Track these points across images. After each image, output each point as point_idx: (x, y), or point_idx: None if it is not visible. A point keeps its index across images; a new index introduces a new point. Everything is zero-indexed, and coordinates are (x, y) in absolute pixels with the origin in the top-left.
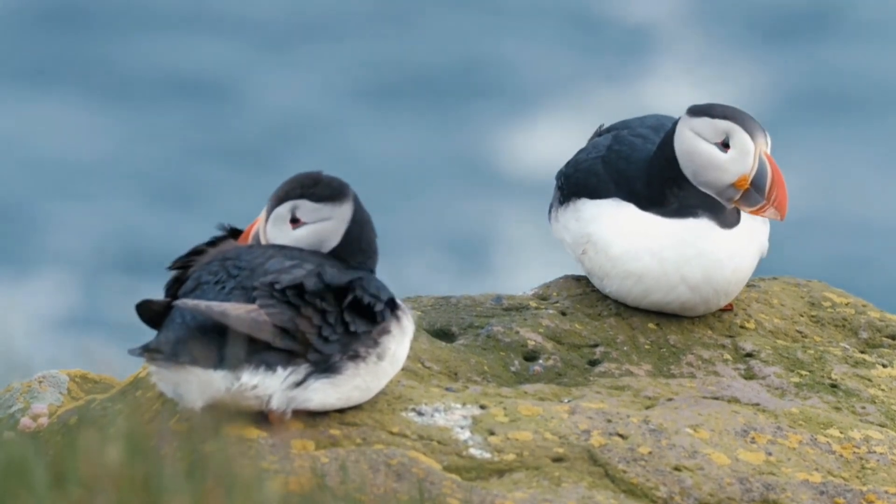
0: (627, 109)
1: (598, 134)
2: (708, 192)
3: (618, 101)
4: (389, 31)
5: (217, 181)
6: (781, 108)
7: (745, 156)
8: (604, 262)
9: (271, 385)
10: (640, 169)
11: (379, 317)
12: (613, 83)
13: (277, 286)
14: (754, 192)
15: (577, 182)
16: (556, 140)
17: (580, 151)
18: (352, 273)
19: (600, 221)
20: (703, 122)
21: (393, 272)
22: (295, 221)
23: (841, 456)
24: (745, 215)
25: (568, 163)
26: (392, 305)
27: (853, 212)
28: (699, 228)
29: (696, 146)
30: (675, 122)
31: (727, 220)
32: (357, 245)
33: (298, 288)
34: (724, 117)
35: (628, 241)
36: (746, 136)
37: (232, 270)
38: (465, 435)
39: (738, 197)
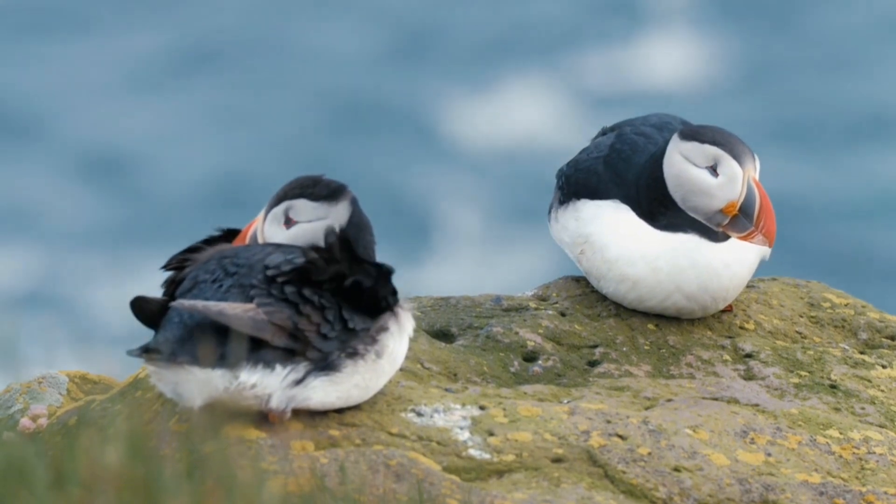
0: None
1: (603, 133)
2: (696, 216)
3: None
4: None
5: None
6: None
7: (733, 182)
8: (600, 264)
9: (271, 384)
10: (637, 173)
11: (383, 301)
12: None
13: (280, 279)
14: (743, 218)
15: (578, 182)
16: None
17: (582, 151)
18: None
19: (599, 223)
20: (693, 147)
21: None
22: (288, 221)
23: (840, 457)
24: None
25: (569, 162)
26: (391, 301)
27: None
28: (692, 240)
29: (684, 171)
30: (666, 143)
31: (719, 235)
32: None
33: (303, 287)
34: (714, 143)
35: (624, 245)
36: (734, 163)
37: (229, 268)
38: (464, 436)
39: (726, 222)
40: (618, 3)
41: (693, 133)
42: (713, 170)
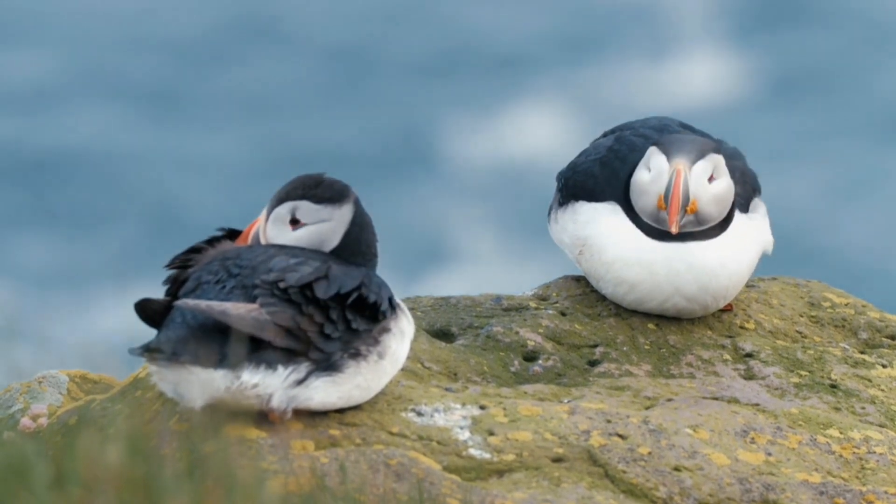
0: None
1: (604, 136)
2: (647, 219)
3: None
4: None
5: None
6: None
7: (661, 175)
8: (598, 266)
9: (272, 384)
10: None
11: (381, 315)
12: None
13: (282, 284)
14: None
15: (576, 184)
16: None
17: (581, 153)
18: (358, 271)
19: (596, 225)
20: (648, 153)
21: None
22: (295, 222)
23: (841, 456)
24: (735, 219)
25: (568, 164)
26: (392, 304)
27: None
28: (685, 243)
29: (636, 176)
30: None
31: (708, 233)
32: (356, 247)
33: (307, 289)
34: (657, 143)
35: (620, 248)
36: (662, 157)
37: (232, 269)
38: (464, 435)
39: (666, 218)
40: (634, 19)
41: (657, 141)
42: (648, 169)
